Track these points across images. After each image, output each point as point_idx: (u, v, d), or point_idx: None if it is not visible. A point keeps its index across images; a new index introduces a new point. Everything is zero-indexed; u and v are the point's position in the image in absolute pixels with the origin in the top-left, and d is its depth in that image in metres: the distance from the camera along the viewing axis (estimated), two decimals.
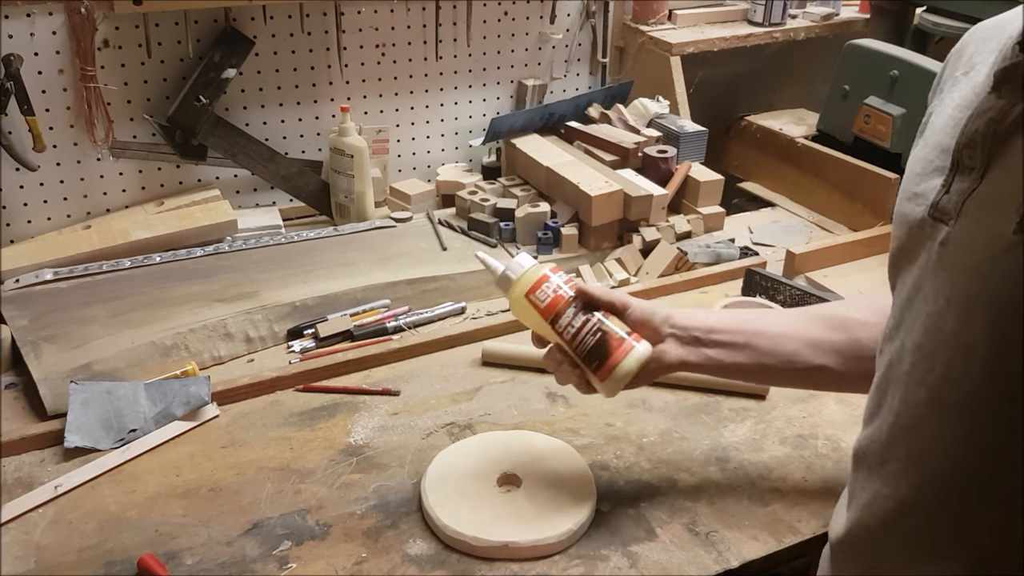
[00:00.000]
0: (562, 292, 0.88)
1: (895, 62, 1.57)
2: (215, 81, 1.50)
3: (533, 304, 0.88)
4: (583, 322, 0.86)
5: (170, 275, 1.36)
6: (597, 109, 1.76)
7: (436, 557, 0.91)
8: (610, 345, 0.85)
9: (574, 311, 0.87)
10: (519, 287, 0.89)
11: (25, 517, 0.95)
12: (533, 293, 0.88)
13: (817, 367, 0.88)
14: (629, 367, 0.85)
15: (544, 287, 0.88)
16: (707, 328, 0.89)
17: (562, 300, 0.87)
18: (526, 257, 0.91)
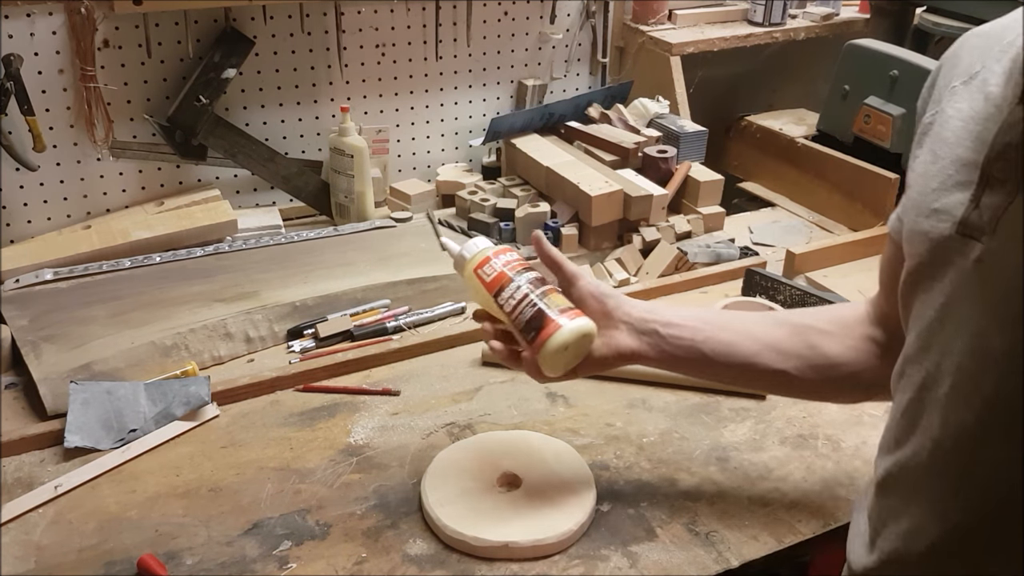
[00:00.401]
0: (507, 268, 0.89)
1: (895, 62, 1.57)
2: (215, 81, 1.50)
3: (480, 279, 0.89)
4: (523, 295, 0.86)
5: (170, 275, 1.36)
6: (597, 109, 1.76)
7: (436, 557, 0.91)
8: (546, 317, 0.85)
9: (516, 286, 0.87)
10: (470, 264, 0.91)
11: (25, 517, 0.95)
12: (481, 268, 0.89)
13: (776, 371, 0.86)
14: (562, 339, 0.84)
15: (492, 263, 0.89)
16: (666, 321, 0.87)
17: (506, 276, 0.88)
18: (482, 240, 0.93)
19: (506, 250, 0.91)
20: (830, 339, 0.86)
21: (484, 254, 0.90)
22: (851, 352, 0.85)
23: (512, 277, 0.88)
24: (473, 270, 0.90)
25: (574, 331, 0.84)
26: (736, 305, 1.32)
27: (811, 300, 1.33)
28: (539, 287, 0.87)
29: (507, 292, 0.87)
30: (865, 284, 1.44)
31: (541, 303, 0.85)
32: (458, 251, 0.93)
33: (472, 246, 0.92)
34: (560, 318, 0.84)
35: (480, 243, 0.92)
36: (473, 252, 0.91)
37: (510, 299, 0.87)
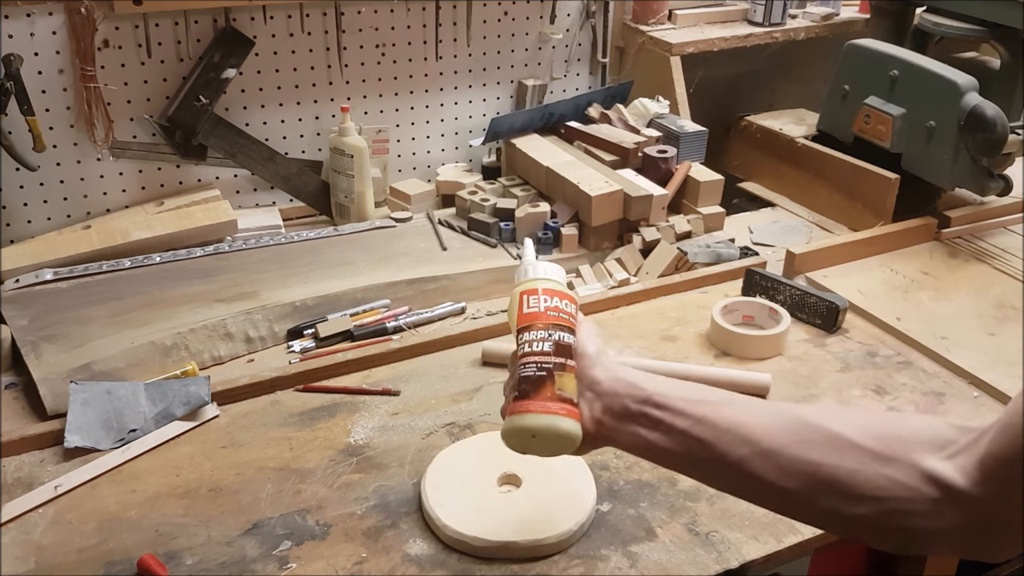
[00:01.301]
0: (553, 313, 0.79)
1: (895, 62, 1.57)
2: (215, 81, 1.50)
3: (520, 303, 0.81)
4: (542, 351, 0.76)
5: (170, 275, 1.36)
6: (597, 109, 1.76)
7: (436, 557, 0.91)
8: (541, 389, 0.75)
9: (547, 336, 0.77)
10: (525, 283, 0.83)
11: (25, 517, 0.95)
12: (530, 294, 0.81)
13: (771, 487, 0.66)
14: (531, 424, 0.74)
15: (544, 297, 0.80)
16: (643, 397, 0.72)
17: (544, 319, 0.78)
18: (554, 269, 0.85)
19: (565, 296, 0.81)
20: (869, 461, 0.63)
21: (545, 282, 0.82)
22: (894, 486, 0.61)
23: (545, 327, 0.78)
24: (521, 291, 0.82)
25: (549, 427, 0.74)
26: (736, 305, 1.32)
27: (811, 300, 1.33)
28: (561, 357, 0.76)
29: (530, 335, 0.78)
30: (865, 284, 1.44)
31: (551, 372, 0.75)
32: (527, 264, 0.85)
33: (540, 269, 0.84)
34: (551, 404, 0.74)
35: (550, 271, 0.84)
36: (532, 275, 0.83)
37: (526, 344, 0.77)
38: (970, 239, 1.60)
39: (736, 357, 1.26)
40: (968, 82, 1.47)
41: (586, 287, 1.43)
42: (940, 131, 1.51)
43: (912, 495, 0.60)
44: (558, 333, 0.77)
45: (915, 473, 0.61)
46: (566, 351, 0.77)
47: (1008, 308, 1.38)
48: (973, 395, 1.19)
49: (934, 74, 1.51)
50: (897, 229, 1.57)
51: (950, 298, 1.41)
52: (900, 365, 1.25)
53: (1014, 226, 1.64)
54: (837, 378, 1.22)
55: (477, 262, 1.45)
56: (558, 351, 0.76)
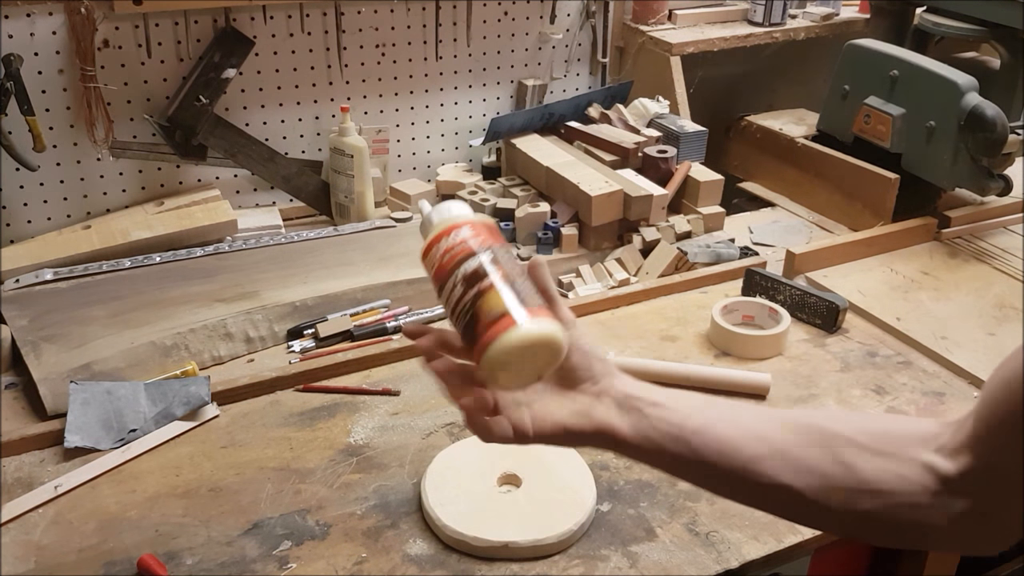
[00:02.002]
0: (448, 257, 0.67)
1: (895, 62, 1.57)
2: (215, 81, 1.50)
3: (427, 264, 0.69)
4: (459, 298, 0.65)
5: (170, 275, 1.36)
6: (597, 109, 1.76)
7: (436, 557, 0.91)
8: (477, 327, 0.64)
9: (454, 282, 0.66)
10: (424, 242, 0.70)
11: (25, 517, 0.95)
12: (425, 255, 0.69)
13: (780, 485, 0.67)
14: (491, 358, 0.63)
15: (434, 249, 0.68)
16: (652, 400, 0.70)
17: (446, 269, 0.66)
18: (458, 205, 0.71)
19: (453, 227, 0.68)
20: (870, 457, 0.65)
21: (441, 226, 0.68)
22: (897, 480, 0.64)
23: (449, 275, 0.66)
24: (422, 253, 0.69)
25: (536, 333, 0.64)
26: (736, 305, 1.32)
27: (811, 300, 1.33)
28: (473, 286, 0.65)
29: (444, 293, 0.67)
30: (865, 284, 1.44)
31: (473, 309, 0.65)
32: (428, 213, 0.72)
33: (427, 220, 0.71)
34: (492, 330, 0.63)
35: (437, 214, 0.70)
36: (422, 233, 0.70)
37: (446, 303, 0.67)
38: (970, 239, 1.60)
39: (736, 357, 1.26)
40: (968, 82, 1.47)
41: (586, 287, 1.43)
42: (940, 131, 1.51)
43: (914, 488, 0.64)
44: (460, 269, 0.66)
45: (915, 465, 0.64)
46: (475, 276, 0.66)
47: (1008, 308, 1.38)
48: (973, 395, 1.19)
49: (934, 74, 1.51)
50: (897, 229, 1.57)
51: (950, 298, 1.41)
52: (900, 365, 1.25)
53: (1014, 226, 1.64)
54: (837, 378, 1.22)
55: None
56: (468, 283, 0.65)
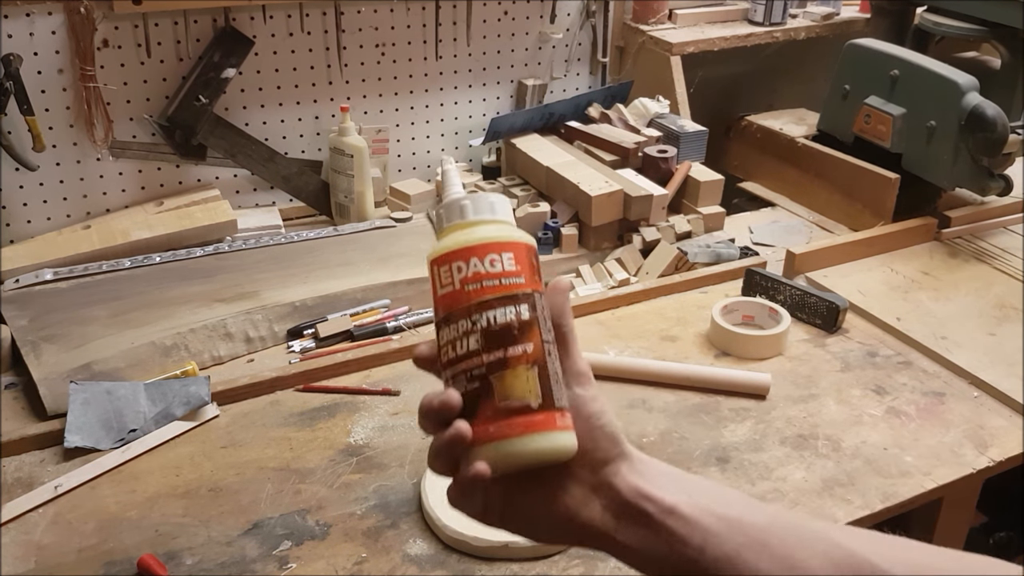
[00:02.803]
0: (473, 286, 0.52)
1: (895, 62, 1.57)
2: (215, 81, 1.50)
3: (433, 281, 0.54)
4: (467, 352, 0.52)
5: (170, 275, 1.36)
6: (597, 109, 1.76)
7: (436, 557, 0.91)
8: (478, 409, 0.51)
9: (470, 326, 0.51)
10: (436, 245, 0.54)
11: (25, 517, 0.95)
12: (440, 264, 0.53)
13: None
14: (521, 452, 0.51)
15: (458, 265, 0.52)
16: (667, 506, 0.52)
17: (463, 301, 0.52)
18: (503, 204, 0.56)
19: (496, 246, 0.53)
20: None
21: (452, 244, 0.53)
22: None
23: (466, 314, 0.52)
24: (430, 263, 0.54)
25: (506, 459, 0.51)
26: (736, 305, 1.32)
27: (811, 300, 1.33)
28: (497, 349, 0.51)
29: (449, 331, 0.52)
30: (865, 284, 1.44)
31: (481, 381, 0.51)
32: (444, 207, 0.56)
33: (455, 209, 0.55)
34: (495, 425, 0.51)
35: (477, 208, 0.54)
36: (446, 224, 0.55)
37: (447, 347, 0.53)
38: (970, 239, 1.60)
39: (736, 357, 1.26)
40: (969, 82, 1.47)
41: (586, 287, 1.43)
42: (940, 131, 1.51)
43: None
44: (487, 314, 0.51)
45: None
46: (505, 334, 0.51)
47: (1008, 308, 1.38)
48: (973, 395, 1.19)
49: (935, 74, 1.51)
50: (897, 229, 1.57)
51: (950, 298, 1.41)
52: (900, 365, 1.25)
53: (1014, 226, 1.64)
54: (837, 378, 1.22)
55: None
56: (490, 342, 0.51)
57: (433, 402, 0.52)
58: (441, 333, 0.53)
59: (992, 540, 1.46)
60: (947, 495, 1.05)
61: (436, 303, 0.54)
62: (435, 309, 0.54)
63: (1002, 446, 1.09)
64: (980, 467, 1.05)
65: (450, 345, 0.52)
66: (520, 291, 0.52)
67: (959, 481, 1.04)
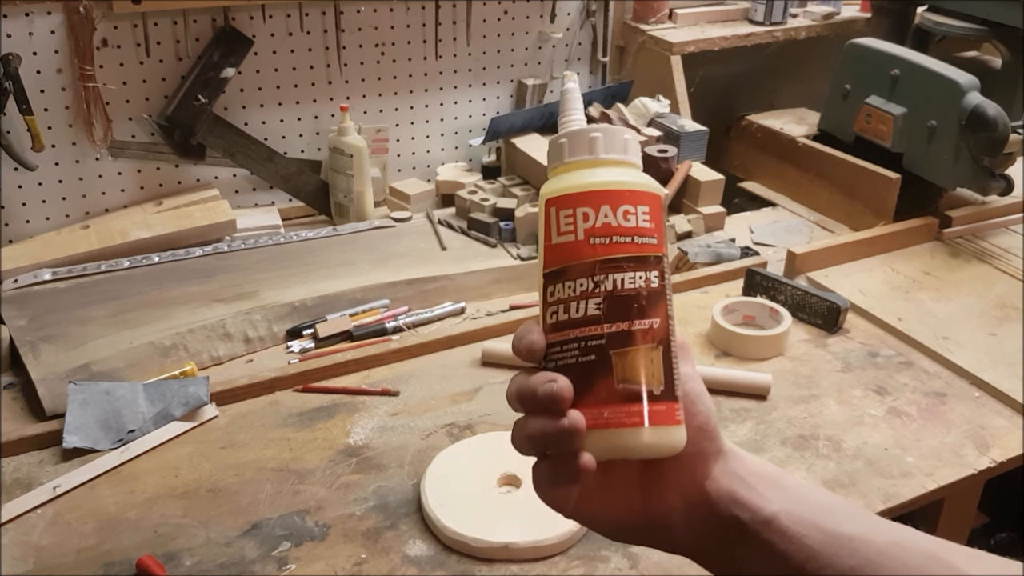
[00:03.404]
0: (601, 240, 0.44)
1: (896, 61, 1.57)
2: (214, 80, 1.50)
3: (547, 224, 0.46)
4: (584, 317, 0.44)
5: (169, 275, 1.36)
6: (597, 108, 1.76)
7: (436, 558, 0.90)
8: (590, 388, 0.45)
9: (592, 287, 0.44)
10: (554, 182, 0.47)
11: (24, 518, 0.95)
12: (559, 205, 0.45)
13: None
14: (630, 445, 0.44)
15: (584, 211, 0.45)
16: (764, 517, 0.46)
17: (586, 256, 0.44)
18: (635, 144, 0.48)
19: (629, 196, 0.45)
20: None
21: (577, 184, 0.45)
22: None
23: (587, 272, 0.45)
24: (546, 201, 0.46)
25: (612, 449, 0.45)
26: (737, 305, 1.32)
27: (812, 300, 1.32)
28: (621, 321, 0.45)
29: (562, 289, 0.45)
30: (866, 284, 1.44)
31: (598, 355, 0.44)
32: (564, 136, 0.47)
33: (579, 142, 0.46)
34: (609, 410, 0.44)
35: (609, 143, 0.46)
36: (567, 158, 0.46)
37: (557, 307, 0.45)
38: (971, 239, 1.60)
39: (737, 357, 1.25)
40: (969, 81, 1.47)
41: None
42: (941, 131, 1.50)
43: None
44: (614, 277, 0.44)
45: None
46: (633, 304, 0.44)
47: (1009, 308, 1.38)
48: (975, 395, 1.18)
49: (935, 73, 1.51)
50: (898, 229, 1.56)
51: (951, 298, 1.41)
52: (901, 365, 1.25)
53: (1015, 226, 1.64)
54: (838, 378, 1.21)
55: (477, 262, 1.44)
56: (614, 310, 0.44)
57: (538, 391, 0.45)
58: (550, 288, 0.45)
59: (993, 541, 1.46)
60: (948, 496, 1.05)
61: (548, 251, 0.46)
62: (544, 257, 0.46)
63: (1003, 446, 1.08)
64: (981, 468, 1.05)
65: (562, 305, 0.45)
66: (652, 254, 0.45)
67: (960, 482, 1.04)
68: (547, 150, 0.48)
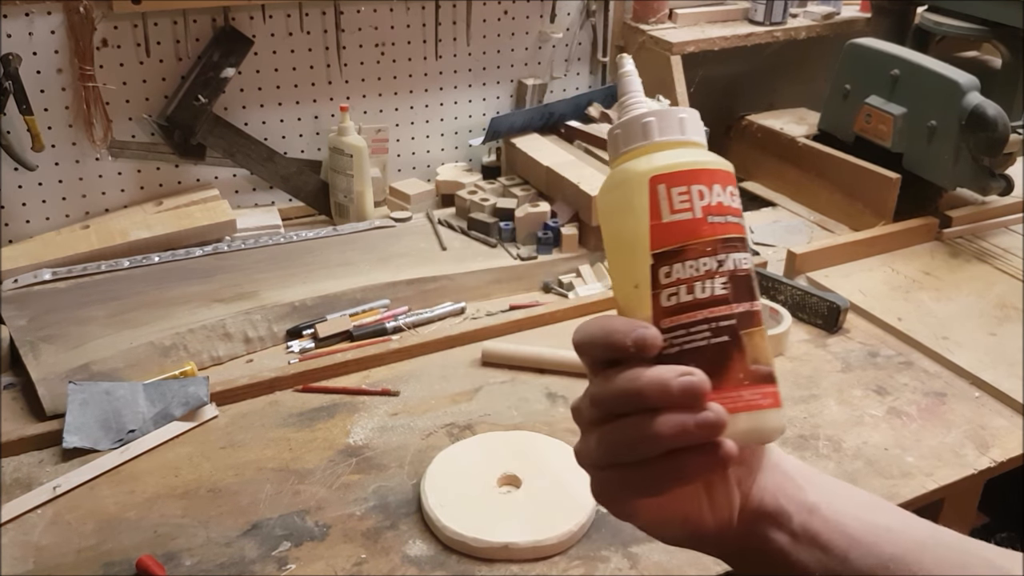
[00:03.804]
0: (718, 219, 0.43)
1: (896, 61, 1.57)
2: (214, 80, 1.50)
3: (655, 201, 0.44)
4: (713, 297, 0.43)
5: (169, 275, 1.36)
6: (597, 109, 1.76)
7: (436, 558, 0.90)
8: (726, 370, 0.43)
9: (716, 266, 0.43)
10: (653, 159, 0.45)
11: (24, 518, 0.95)
12: (671, 182, 0.43)
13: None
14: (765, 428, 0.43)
15: (699, 189, 0.43)
16: (808, 505, 0.47)
17: (705, 234, 0.43)
18: (696, 122, 0.47)
19: (722, 176, 0.45)
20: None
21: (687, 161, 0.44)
22: None
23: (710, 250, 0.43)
24: (651, 178, 0.44)
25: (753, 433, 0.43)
26: None
27: (812, 300, 1.32)
28: (744, 300, 0.44)
29: (683, 268, 0.43)
30: (866, 284, 1.44)
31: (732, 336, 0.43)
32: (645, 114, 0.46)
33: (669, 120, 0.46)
34: (747, 392, 0.43)
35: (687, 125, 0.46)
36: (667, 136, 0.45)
37: (679, 287, 0.43)
38: (971, 239, 1.60)
39: None
40: (969, 81, 1.47)
41: (586, 287, 1.43)
42: (941, 131, 1.50)
43: None
44: (733, 256, 0.43)
45: None
46: (749, 283, 0.44)
47: (1010, 308, 1.38)
48: (975, 395, 1.18)
49: (935, 73, 1.51)
50: (898, 229, 1.56)
51: (951, 298, 1.41)
52: (901, 365, 1.25)
53: (1015, 226, 1.64)
54: (838, 378, 1.21)
55: (477, 262, 1.44)
56: (739, 289, 0.43)
57: (673, 385, 0.41)
58: (664, 269, 0.43)
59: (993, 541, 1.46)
60: (949, 496, 1.04)
61: (658, 230, 0.43)
62: (654, 237, 0.43)
63: (1003, 446, 1.08)
64: (981, 468, 1.05)
65: (684, 286, 0.43)
66: (746, 236, 0.45)
67: (960, 482, 1.04)
68: (620, 131, 0.47)
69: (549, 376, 1.20)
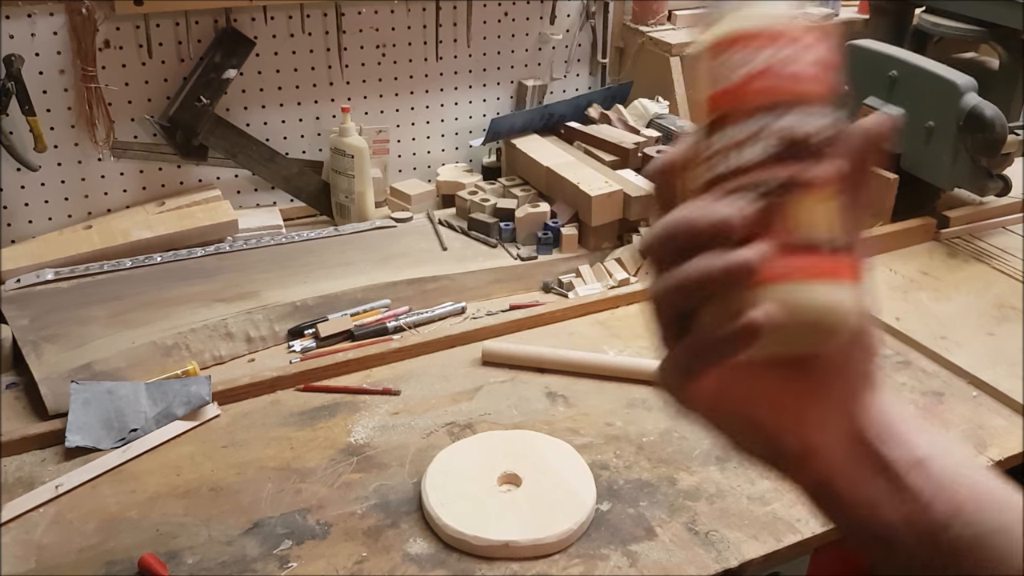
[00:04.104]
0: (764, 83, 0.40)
1: (894, 62, 1.57)
2: (216, 81, 1.50)
3: (703, 74, 0.42)
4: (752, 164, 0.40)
5: (171, 275, 1.36)
6: (597, 109, 1.76)
7: (436, 556, 0.91)
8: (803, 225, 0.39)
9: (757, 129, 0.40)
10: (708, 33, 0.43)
11: (26, 517, 0.96)
12: (717, 52, 0.41)
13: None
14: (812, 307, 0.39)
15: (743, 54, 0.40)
16: (915, 457, 0.41)
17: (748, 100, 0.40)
18: None
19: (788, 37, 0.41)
20: None
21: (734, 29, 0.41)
22: None
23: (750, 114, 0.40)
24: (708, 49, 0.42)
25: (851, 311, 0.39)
26: None
27: None
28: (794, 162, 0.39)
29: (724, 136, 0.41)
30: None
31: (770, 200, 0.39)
32: None
33: None
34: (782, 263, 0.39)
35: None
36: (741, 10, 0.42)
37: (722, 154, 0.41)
38: (969, 239, 1.60)
39: None
40: (967, 82, 1.47)
41: (586, 287, 1.43)
42: (939, 131, 1.51)
43: None
44: (784, 117, 0.40)
45: None
46: (806, 147, 0.40)
47: (1008, 308, 1.38)
48: (972, 395, 1.19)
49: (933, 74, 1.51)
50: (896, 229, 1.57)
51: (949, 298, 1.41)
52: (899, 365, 1.25)
53: (1013, 226, 1.64)
54: None
55: (477, 262, 1.45)
56: (789, 152, 0.40)
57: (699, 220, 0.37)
58: (714, 139, 0.41)
59: None
60: None
61: (710, 102, 0.42)
62: (710, 104, 0.42)
63: (1001, 446, 1.09)
64: None
65: (731, 152, 0.40)
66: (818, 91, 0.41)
67: None
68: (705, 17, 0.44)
69: (549, 375, 1.20)
